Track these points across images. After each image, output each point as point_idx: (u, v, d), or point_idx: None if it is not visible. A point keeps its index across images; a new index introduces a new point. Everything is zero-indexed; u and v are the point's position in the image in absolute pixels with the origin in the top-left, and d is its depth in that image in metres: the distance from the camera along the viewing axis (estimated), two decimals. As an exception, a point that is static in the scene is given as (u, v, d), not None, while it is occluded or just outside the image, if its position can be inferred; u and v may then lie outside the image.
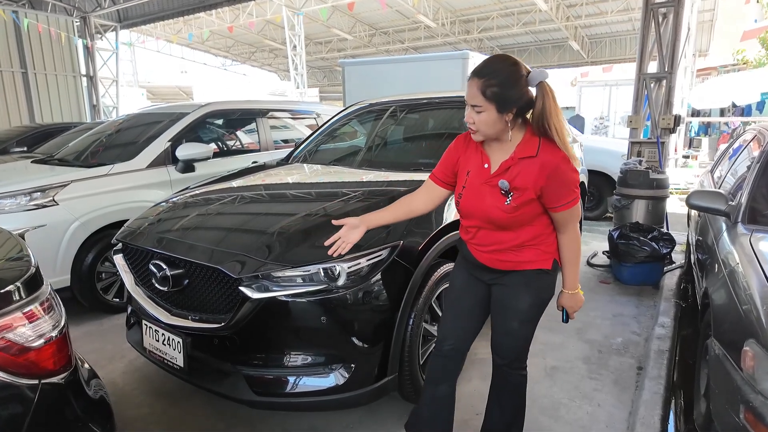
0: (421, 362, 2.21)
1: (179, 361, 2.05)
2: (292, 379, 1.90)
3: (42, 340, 1.06)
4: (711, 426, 1.95)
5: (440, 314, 2.30)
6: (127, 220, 3.50)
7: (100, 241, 3.40)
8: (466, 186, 1.66)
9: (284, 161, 3.55)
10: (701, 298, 2.47)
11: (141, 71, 28.15)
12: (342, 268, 1.85)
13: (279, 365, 1.91)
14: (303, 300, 1.84)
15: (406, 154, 3.20)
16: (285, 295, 1.83)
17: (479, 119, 1.51)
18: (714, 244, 2.57)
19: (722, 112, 15.43)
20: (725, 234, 2.47)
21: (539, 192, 1.54)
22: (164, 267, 2.05)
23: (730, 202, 2.54)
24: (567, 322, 1.79)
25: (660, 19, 4.53)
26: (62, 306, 1.26)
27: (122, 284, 3.55)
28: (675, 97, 4.58)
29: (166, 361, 2.12)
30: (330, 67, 28.65)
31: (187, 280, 2.05)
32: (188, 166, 3.97)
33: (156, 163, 3.85)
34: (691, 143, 15.34)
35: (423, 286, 2.15)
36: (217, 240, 2.05)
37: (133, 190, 3.67)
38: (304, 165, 3.32)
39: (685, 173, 10.90)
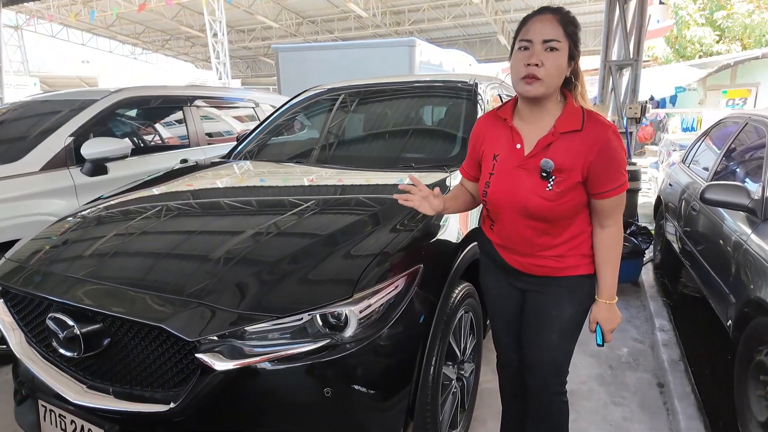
0: (441, 418, 1.70)
1: (101, 461, 1.37)
2: (280, 478, 1.31)
3: None
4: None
5: (456, 350, 1.83)
6: (17, 241, 2.67)
7: (-26, 272, 2.50)
8: (494, 172, 1.39)
9: (226, 158, 2.86)
10: (736, 307, 2.19)
11: (33, 59, 24.71)
12: (351, 312, 1.29)
13: (260, 460, 1.31)
14: (297, 365, 1.25)
15: (387, 148, 2.65)
16: (270, 360, 1.23)
17: (552, 61, 1.24)
18: (737, 242, 2.31)
19: (637, 105, 16.43)
20: (753, 232, 2.21)
21: (586, 173, 1.28)
22: (70, 323, 1.35)
23: (754, 197, 2.29)
24: (603, 345, 1.48)
25: (623, 2, 4.35)
26: None
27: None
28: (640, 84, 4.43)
29: (79, 461, 1.42)
30: (254, 56, 27.11)
31: (109, 339, 1.37)
32: (98, 168, 3.12)
33: (54, 165, 2.97)
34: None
35: (441, 318, 1.64)
36: (154, 280, 1.38)
37: (23, 200, 2.78)
38: (255, 163, 2.66)
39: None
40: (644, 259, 4.16)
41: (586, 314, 1.49)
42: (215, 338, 1.22)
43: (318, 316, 1.28)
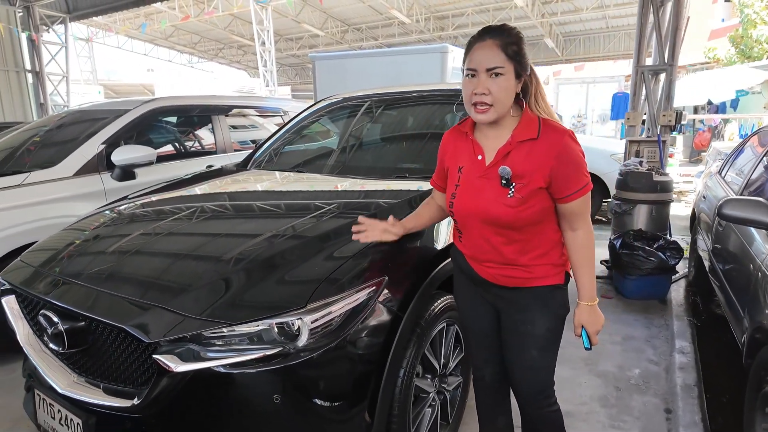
0: (413, 430, 1.69)
1: (79, 449, 1.48)
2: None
3: None
4: None
5: (434, 363, 1.81)
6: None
7: (10, 268, 2.75)
8: (459, 184, 1.43)
9: (241, 166, 2.98)
10: (748, 331, 2.03)
11: (103, 69, 26.70)
12: (302, 323, 1.32)
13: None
14: (249, 371, 1.30)
15: (387, 157, 2.68)
16: (223, 366, 1.29)
17: (498, 86, 1.27)
18: (755, 262, 2.15)
19: (695, 110, 15.46)
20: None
21: (548, 178, 1.31)
22: (56, 320, 1.47)
23: (776, 214, 2.12)
24: (590, 348, 1.46)
25: (658, 6, 4.14)
26: None
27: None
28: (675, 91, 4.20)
29: (63, 448, 1.54)
30: (302, 64, 27.88)
31: (92, 338, 1.48)
32: (127, 173, 3.35)
33: (86, 170, 3.22)
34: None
35: (413, 331, 1.64)
36: (128, 283, 1.48)
37: (57, 203, 3.03)
38: (264, 171, 2.76)
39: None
40: (677, 275, 3.93)
41: (562, 326, 1.50)
42: (174, 341, 1.29)
43: (274, 324, 1.33)
